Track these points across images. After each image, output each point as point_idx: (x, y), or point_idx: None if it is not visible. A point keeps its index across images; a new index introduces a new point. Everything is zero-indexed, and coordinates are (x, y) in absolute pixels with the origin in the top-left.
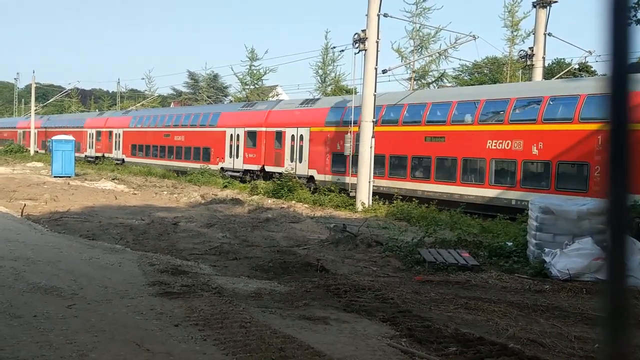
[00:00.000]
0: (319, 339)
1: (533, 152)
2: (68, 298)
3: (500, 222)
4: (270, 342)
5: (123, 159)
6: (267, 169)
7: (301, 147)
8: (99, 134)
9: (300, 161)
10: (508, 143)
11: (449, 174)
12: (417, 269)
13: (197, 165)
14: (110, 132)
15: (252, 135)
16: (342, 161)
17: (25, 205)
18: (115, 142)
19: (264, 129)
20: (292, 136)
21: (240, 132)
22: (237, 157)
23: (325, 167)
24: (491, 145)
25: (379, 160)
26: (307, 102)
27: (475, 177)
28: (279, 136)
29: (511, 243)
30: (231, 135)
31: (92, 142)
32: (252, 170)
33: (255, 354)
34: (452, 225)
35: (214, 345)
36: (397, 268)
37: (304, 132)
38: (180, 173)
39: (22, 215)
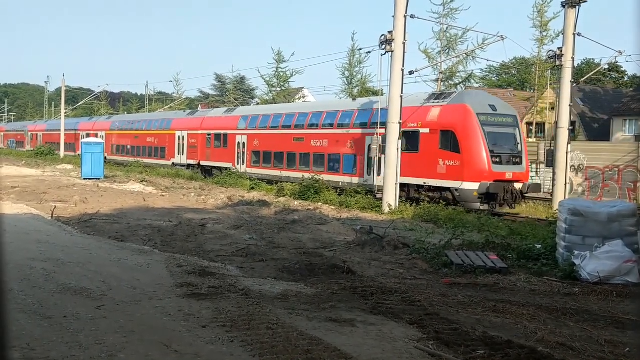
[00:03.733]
0: (346, 342)
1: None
2: (97, 299)
3: (528, 225)
4: (297, 344)
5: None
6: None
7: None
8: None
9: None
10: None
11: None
12: (444, 271)
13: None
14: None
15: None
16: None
17: (55, 207)
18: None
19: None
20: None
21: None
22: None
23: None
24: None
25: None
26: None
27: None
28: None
29: (540, 245)
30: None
31: None
32: None
33: (282, 355)
34: (479, 228)
35: (241, 347)
36: (424, 270)
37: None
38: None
39: (52, 217)
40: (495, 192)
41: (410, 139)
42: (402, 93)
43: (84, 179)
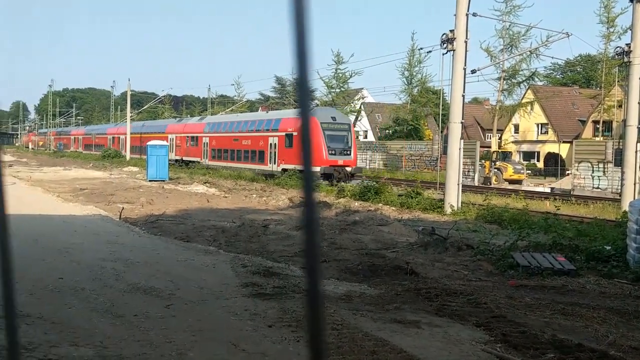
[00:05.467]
0: (411, 343)
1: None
2: (166, 298)
3: (597, 226)
4: (363, 345)
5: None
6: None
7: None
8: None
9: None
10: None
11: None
12: (510, 273)
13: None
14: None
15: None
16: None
17: (123, 208)
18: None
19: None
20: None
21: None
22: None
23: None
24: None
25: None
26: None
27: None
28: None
29: (609, 247)
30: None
31: None
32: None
33: (348, 356)
34: (546, 229)
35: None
36: (489, 272)
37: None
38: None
39: (120, 218)
40: (331, 172)
41: (289, 139)
42: (464, 92)
43: (149, 180)
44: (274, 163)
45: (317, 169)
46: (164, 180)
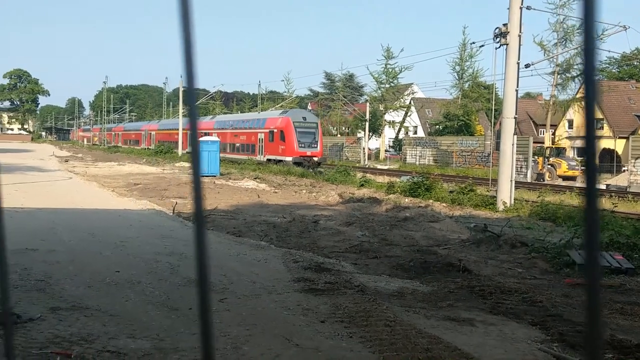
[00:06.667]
0: (466, 341)
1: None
2: (219, 292)
3: None
4: (416, 342)
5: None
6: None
7: None
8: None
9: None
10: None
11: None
12: (565, 271)
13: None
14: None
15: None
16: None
17: (176, 203)
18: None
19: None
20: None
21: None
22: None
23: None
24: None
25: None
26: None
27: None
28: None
29: None
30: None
31: None
32: None
33: (402, 353)
34: (602, 227)
35: (360, 343)
36: (544, 270)
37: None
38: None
39: (174, 212)
40: (301, 161)
41: (272, 135)
42: (517, 87)
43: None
44: (261, 154)
45: (290, 158)
46: (215, 176)
